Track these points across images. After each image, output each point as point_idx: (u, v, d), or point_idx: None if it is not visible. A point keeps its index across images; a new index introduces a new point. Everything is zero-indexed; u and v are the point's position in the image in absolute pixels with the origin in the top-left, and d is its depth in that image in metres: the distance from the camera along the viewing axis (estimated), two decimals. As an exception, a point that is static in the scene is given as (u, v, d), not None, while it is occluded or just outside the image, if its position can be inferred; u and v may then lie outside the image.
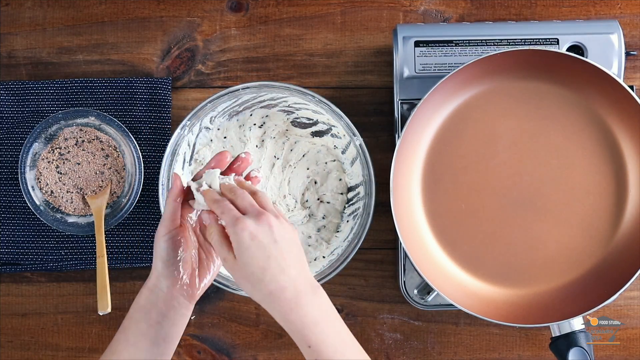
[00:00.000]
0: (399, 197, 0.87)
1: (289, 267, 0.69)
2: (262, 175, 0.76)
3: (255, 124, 0.96)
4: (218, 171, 0.75)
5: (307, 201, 0.96)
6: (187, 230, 0.76)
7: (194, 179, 0.76)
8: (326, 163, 0.97)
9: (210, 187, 0.74)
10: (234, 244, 0.69)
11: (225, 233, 0.71)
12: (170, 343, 0.75)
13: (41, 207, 0.95)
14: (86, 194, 0.96)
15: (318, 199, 0.96)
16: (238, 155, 0.78)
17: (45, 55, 1.00)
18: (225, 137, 0.96)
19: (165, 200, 0.76)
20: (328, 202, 0.96)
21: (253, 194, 0.73)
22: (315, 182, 0.97)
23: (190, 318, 0.92)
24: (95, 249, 0.96)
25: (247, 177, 0.77)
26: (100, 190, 0.96)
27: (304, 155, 0.97)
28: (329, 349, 0.69)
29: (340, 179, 0.96)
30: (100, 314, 0.91)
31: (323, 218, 0.96)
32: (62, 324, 0.98)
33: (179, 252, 0.74)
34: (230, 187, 0.73)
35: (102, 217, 0.95)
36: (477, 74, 0.87)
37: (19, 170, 0.95)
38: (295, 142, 0.97)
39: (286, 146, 0.97)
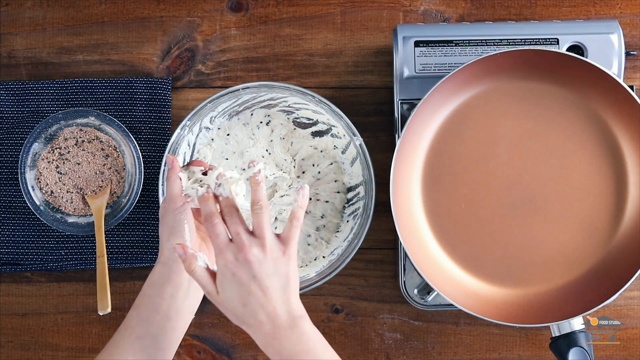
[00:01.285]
0: (399, 197, 0.87)
1: (268, 303, 0.70)
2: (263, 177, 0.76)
3: (262, 122, 0.96)
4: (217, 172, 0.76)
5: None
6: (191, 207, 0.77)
7: (185, 166, 0.77)
8: (325, 165, 0.97)
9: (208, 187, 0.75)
10: (218, 276, 0.70)
11: (209, 269, 0.72)
12: (183, 316, 0.75)
13: (41, 207, 0.95)
14: (86, 194, 0.96)
15: (315, 199, 0.96)
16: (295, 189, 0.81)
17: (45, 55, 1.00)
18: (228, 135, 0.96)
19: (167, 179, 0.77)
20: (326, 201, 0.96)
21: (254, 212, 0.73)
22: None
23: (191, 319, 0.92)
24: (95, 249, 0.96)
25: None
26: (100, 190, 0.96)
27: (303, 159, 0.97)
28: None
29: (336, 180, 0.96)
30: (101, 314, 0.91)
31: (322, 217, 0.96)
32: (62, 324, 0.98)
33: (190, 225, 0.76)
34: (229, 204, 0.73)
35: (102, 217, 0.95)
36: (477, 74, 0.87)
37: (19, 170, 0.95)
38: (299, 149, 0.97)
39: (289, 153, 0.97)
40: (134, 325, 0.74)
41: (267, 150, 0.96)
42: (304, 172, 0.97)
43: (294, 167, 0.96)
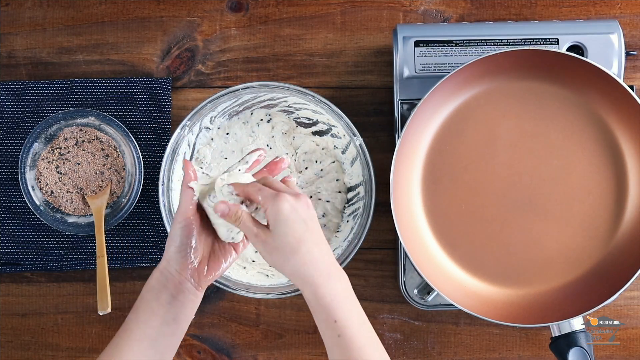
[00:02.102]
0: (399, 197, 0.87)
1: (322, 244, 0.73)
2: (294, 179, 0.79)
3: (262, 119, 0.96)
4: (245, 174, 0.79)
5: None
6: (204, 220, 0.77)
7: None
8: (328, 163, 0.97)
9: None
10: (271, 216, 0.72)
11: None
12: (179, 324, 0.76)
13: (41, 207, 0.95)
14: (86, 194, 0.96)
15: (316, 198, 0.96)
16: (272, 160, 0.82)
17: (45, 55, 1.00)
18: (227, 134, 0.96)
19: (181, 188, 0.77)
20: (327, 201, 0.96)
21: (284, 181, 0.78)
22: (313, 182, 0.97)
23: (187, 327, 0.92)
24: (95, 249, 0.96)
25: (283, 181, 0.79)
26: (100, 190, 0.96)
27: (305, 153, 0.97)
28: (354, 325, 0.72)
29: (337, 180, 0.96)
30: (101, 314, 0.91)
31: (323, 216, 0.96)
32: (62, 324, 0.98)
33: (192, 240, 0.76)
34: (262, 175, 0.78)
35: (102, 217, 0.95)
36: (477, 74, 0.87)
37: (19, 170, 0.95)
38: (300, 144, 0.97)
39: (292, 147, 0.97)
40: (132, 327, 0.75)
41: (267, 145, 0.96)
42: (306, 168, 0.96)
43: (295, 160, 0.96)
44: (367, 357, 0.71)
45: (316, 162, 0.97)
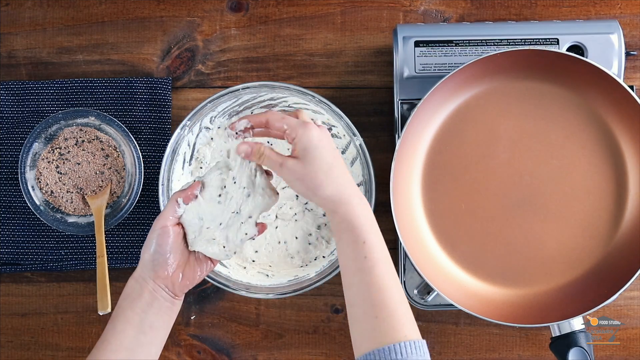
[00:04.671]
0: (399, 197, 0.87)
1: (348, 173, 0.76)
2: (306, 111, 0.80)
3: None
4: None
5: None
6: (180, 233, 0.77)
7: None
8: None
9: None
10: (301, 145, 0.73)
11: None
12: (157, 331, 0.76)
13: (41, 207, 0.95)
14: (86, 194, 0.96)
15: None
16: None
17: (45, 55, 1.00)
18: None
19: (171, 197, 0.77)
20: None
21: (298, 113, 0.78)
22: None
23: (190, 317, 0.92)
24: (95, 249, 0.96)
25: (296, 114, 0.79)
26: (100, 190, 0.96)
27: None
28: (381, 245, 0.74)
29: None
30: (101, 313, 0.91)
31: (323, 216, 0.96)
32: (62, 324, 0.98)
33: (168, 249, 0.75)
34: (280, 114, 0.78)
35: (102, 217, 0.95)
36: (477, 74, 0.88)
37: (19, 170, 0.95)
38: None
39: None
40: (109, 338, 0.75)
41: (268, 142, 0.96)
42: None
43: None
44: (388, 285, 0.72)
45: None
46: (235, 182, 0.77)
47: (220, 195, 0.77)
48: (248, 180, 0.77)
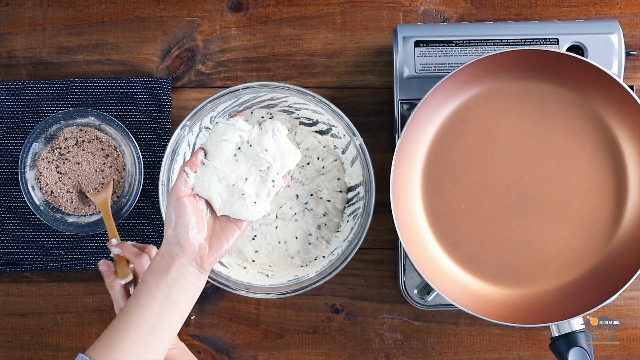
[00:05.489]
0: (399, 197, 0.87)
1: None
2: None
3: (263, 117, 0.96)
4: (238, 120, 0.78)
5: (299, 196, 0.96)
6: (200, 200, 0.76)
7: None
8: (330, 161, 0.97)
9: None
10: None
11: None
12: (180, 308, 0.75)
13: (41, 207, 0.95)
14: (87, 192, 0.96)
15: (317, 196, 0.96)
16: None
17: (45, 55, 1.00)
18: None
19: (179, 170, 0.77)
20: (328, 200, 0.96)
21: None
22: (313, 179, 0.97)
23: (190, 317, 0.92)
24: (95, 249, 0.96)
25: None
26: (101, 187, 0.96)
27: (307, 149, 0.97)
28: None
29: (338, 179, 0.96)
30: (123, 282, 0.87)
31: (324, 215, 0.96)
32: (62, 324, 0.98)
33: (188, 220, 0.75)
34: None
35: (109, 207, 0.94)
36: (477, 74, 0.87)
37: (19, 170, 0.95)
38: (303, 139, 0.97)
39: (294, 142, 0.97)
40: (132, 312, 0.74)
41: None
42: (308, 164, 0.96)
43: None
44: None
45: (318, 158, 0.97)
46: (251, 145, 0.77)
47: (235, 155, 0.77)
48: (270, 141, 0.78)
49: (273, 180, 0.78)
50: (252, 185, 0.77)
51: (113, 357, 0.72)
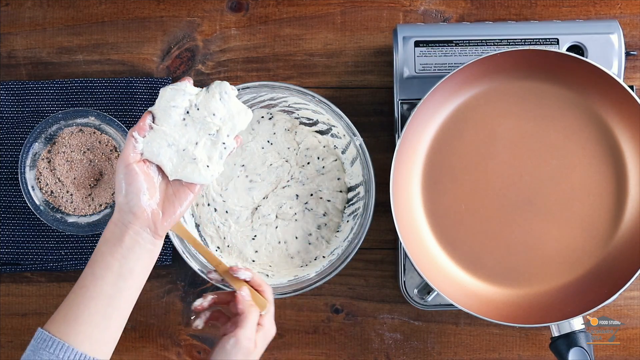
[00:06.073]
0: (399, 197, 0.87)
1: None
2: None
3: (263, 117, 0.96)
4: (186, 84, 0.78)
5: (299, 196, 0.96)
6: (150, 165, 0.76)
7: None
8: (330, 161, 0.97)
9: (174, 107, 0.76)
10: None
11: None
12: (137, 276, 0.75)
13: (41, 207, 0.95)
14: (89, 194, 0.96)
15: (317, 196, 0.96)
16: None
17: (45, 55, 1.00)
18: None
19: (128, 133, 0.76)
20: (328, 200, 0.96)
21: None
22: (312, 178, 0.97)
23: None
24: (94, 248, 0.96)
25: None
26: (98, 184, 0.96)
27: (307, 149, 0.97)
28: None
29: (338, 178, 0.96)
30: (263, 313, 0.83)
31: (324, 215, 0.96)
32: (62, 324, 0.98)
33: (139, 186, 0.74)
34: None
35: (189, 235, 0.86)
36: (477, 74, 0.88)
37: (19, 170, 0.95)
38: (303, 139, 0.97)
39: (294, 142, 0.97)
40: (87, 284, 0.73)
41: (268, 141, 0.96)
42: (308, 163, 0.96)
43: (297, 154, 0.96)
44: None
45: (318, 158, 0.97)
46: (199, 109, 0.77)
47: (184, 120, 0.77)
48: (217, 104, 0.77)
49: (224, 143, 0.77)
50: (203, 149, 0.77)
51: (73, 330, 0.71)
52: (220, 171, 0.78)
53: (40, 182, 0.96)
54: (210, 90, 0.78)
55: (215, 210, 0.95)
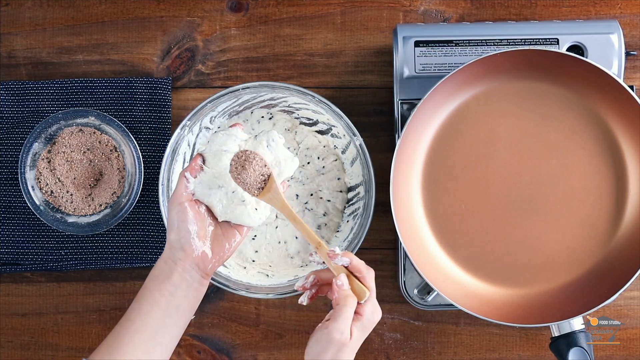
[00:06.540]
0: (399, 197, 0.87)
1: None
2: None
3: (263, 117, 0.96)
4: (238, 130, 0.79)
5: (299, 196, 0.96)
6: (201, 205, 0.77)
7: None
8: (330, 161, 0.97)
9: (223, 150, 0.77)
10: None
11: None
12: (183, 313, 0.76)
13: (41, 207, 0.95)
14: (89, 194, 0.96)
15: (317, 196, 0.96)
16: None
17: (45, 55, 1.00)
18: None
19: (180, 173, 0.77)
20: (328, 200, 0.96)
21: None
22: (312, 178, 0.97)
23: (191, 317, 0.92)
24: (95, 249, 0.96)
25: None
26: (98, 183, 0.96)
27: (307, 149, 0.97)
28: None
29: (338, 178, 0.96)
30: (362, 302, 0.78)
31: (324, 215, 0.96)
32: (62, 324, 0.98)
33: (191, 225, 0.75)
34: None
35: (287, 204, 0.79)
36: (477, 74, 0.88)
37: (19, 170, 0.95)
38: (303, 139, 0.97)
39: (295, 141, 0.97)
40: (134, 318, 0.74)
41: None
42: (308, 163, 0.96)
43: (297, 154, 0.96)
44: None
45: (318, 158, 0.97)
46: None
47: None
48: (265, 151, 0.78)
49: None
50: None
51: None
52: (267, 215, 0.79)
53: (40, 182, 0.96)
54: (259, 137, 0.79)
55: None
